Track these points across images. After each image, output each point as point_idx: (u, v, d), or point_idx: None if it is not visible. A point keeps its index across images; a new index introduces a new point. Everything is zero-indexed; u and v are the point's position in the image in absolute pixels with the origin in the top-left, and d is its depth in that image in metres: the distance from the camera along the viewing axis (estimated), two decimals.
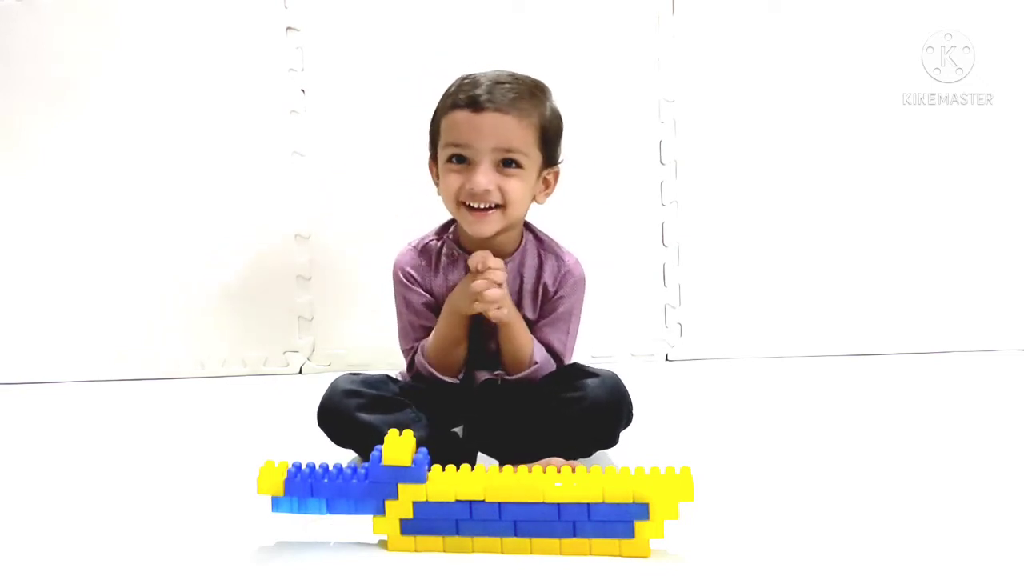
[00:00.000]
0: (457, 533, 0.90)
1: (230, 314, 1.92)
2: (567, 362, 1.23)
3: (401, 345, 1.26)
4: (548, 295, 1.22)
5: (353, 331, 1.89)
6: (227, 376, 1.91)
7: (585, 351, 1.25)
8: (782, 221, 1.89)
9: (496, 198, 1.13)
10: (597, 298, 1.79)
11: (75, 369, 1.92)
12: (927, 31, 1.85)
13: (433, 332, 1.20)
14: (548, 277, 1.21)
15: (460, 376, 1.22)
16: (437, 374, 1.20)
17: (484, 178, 1.12)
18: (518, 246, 1.22)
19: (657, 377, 1.78)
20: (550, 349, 1.21)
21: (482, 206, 1.13)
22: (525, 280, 1.21)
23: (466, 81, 1.16)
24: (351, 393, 1.14)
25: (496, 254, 1.16)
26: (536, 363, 1.18)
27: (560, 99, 1.17)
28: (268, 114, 1.91)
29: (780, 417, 1.43)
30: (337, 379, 1.17)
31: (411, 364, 1.24)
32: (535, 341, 1.19)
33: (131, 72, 1.91)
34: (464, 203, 1.14)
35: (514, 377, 1.19)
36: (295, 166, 1.91)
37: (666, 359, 1.91)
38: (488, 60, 1.31)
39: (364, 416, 1.12)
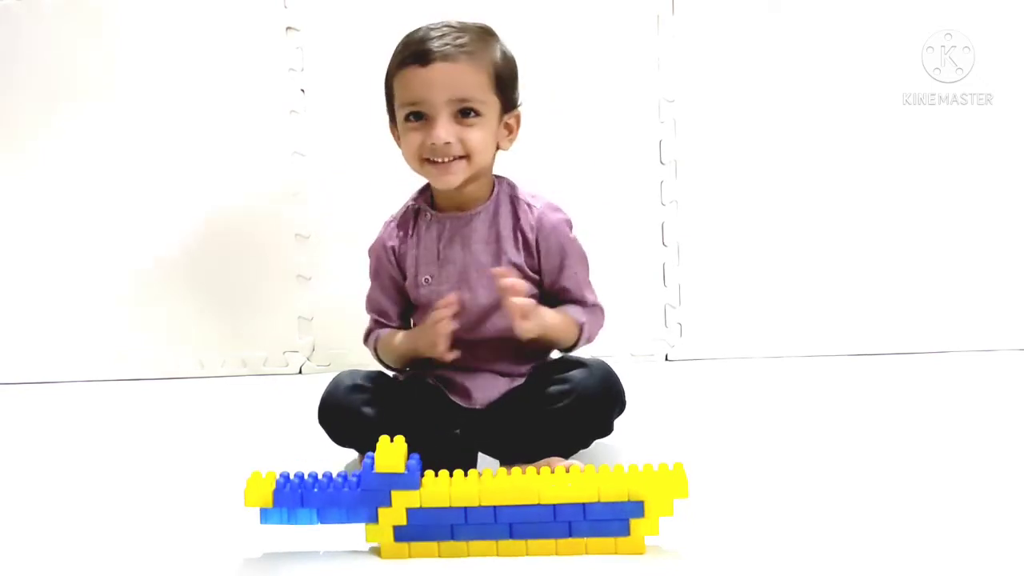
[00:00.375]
0: (452, 538, 0.90)
1: (230, 314, 1.93)
2: (593, 298, 1.22)
3: (365, 307, 1.27)
4: (530, 240, 1.18)
5: (353, 331, 1.88)
6: (227, 376, 1.92)
7: (584, 351, 1.25)
8: (782, 221, 1.89)
9: (457, 150, 1.12)
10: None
11: (75, 369, 1.92)
12: (927, 31, 1.84)
13: (391, 343, 1.21)
14: (524, 224, 1.18)
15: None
16: (384, 367, 1.23)
17: (443, 131, 1.11)
18: (489, 196, 1.20)
19: (657, 377, 1.78)
20: (569, 296, 1.20)
21: (445, 159, 1.12)
22: (501, 227, 1.18)
23: (411, 37, 1.16)
24: (356, 388, 1.14)
25: (467, 206, 1.17)
26: (581, 324, 1.18)
27: (561, 100, 1.17)
28: (268, 114, 1.91)
29: (779, 417, 1.43)
30: (339, 375, 1.17)
31: (367, 335, 1.26)
32: (565, 310, 1.18)
33: (131, 72, 1.91)
34: (427, 159, 1.13)
35: (575, 347, 1.20)
36: (295, 166, 1.91)
37: (666, 359, 1.91)
38: None
39: (370, 411, 1.12)
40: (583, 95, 1.87)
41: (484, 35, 1.17)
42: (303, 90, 1.91)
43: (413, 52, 1.13)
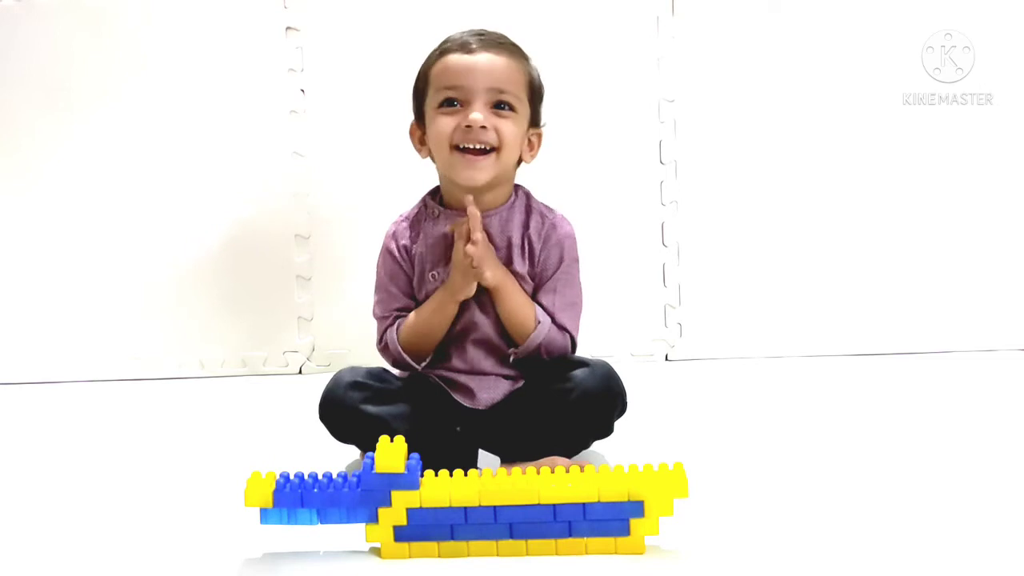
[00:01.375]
0: (452, 538, 0.90)
1: (230, 314, 1.92)
2: (563, 320, 1.19)
3: (375, 312, 1.24)
4: (535, 249, 1.19)
5: (353, 331, 1.89)
6: (227, 376, 1.92)
7: (585, 351, 1.25)
8: (782, 221, 1.89)
9: (491, 138, 1.12)
10: (597, 298, 1.80)
11: (75, 369, 1.92)
12: (927, 31, 1.85)
13: (415, 317, 1.18)
14: (533, 232, 1.19)
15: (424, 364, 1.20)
16: (407, 358, 1.19)
17: (480, 114, 1.11)
18: (506, 202, 1.20)
19: (657, 377, 1.78)
20: (554, 320, 1.18)
21: (477, 146, 1.12)
22: (512, 234, 1.19)
23: (452, 36, 1.17)
24: (356, 385, 1.13)
25: (483, 209, 1.16)
26: (539, 321, 1.16)
27: (560, 100, 1.17)
28: (268, 114, 1.91)
29: (779, 417, 1.43)
30: (339, 372, 1.16)
31: (381, 337, 1.22)
32: (535, 305, 1.17)
33: (131, 73, 1.91)
34: (457, 146, 1.13)
35: (524, 347, 1.16)
36: (295, 166, 1.91)
37: (666, 359, 1.91)
38: None
39: (370, 408, 1.11)
40: (583, 95, 1.87)
41: (520, 49, 1.19)
42: (303, 90, 1.91)
43: (458, 43, 1.15)
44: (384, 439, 0.90)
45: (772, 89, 1.88)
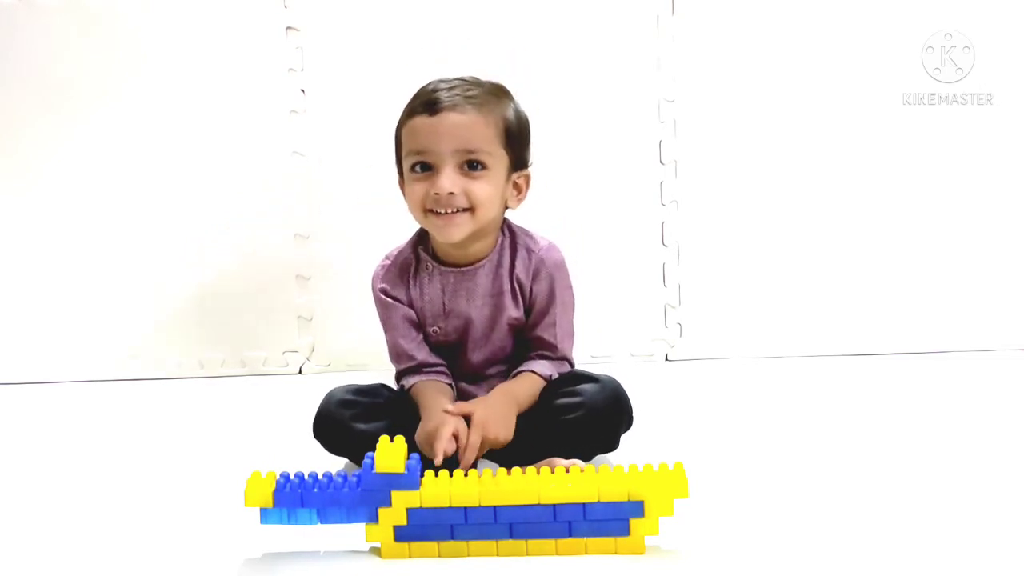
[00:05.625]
0: (452, 538, 0.90)
1: (230, 314, 1.92)
2: (566, 350, 1.21)
3: (393, 364, 1.25)
4: (525, 288, 1.20)
5: (353, 331, 1.89)
6: (226, 376, 1.91)
7: (585, 351, 1.25)
8: (782, 221, 1.89)
9: (462, 202, 1.11)
10: (597, 298, 1.80)
11: (75, 369, 1.91)
12: (927, 31, 1.84)
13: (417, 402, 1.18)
14: (521, 271, 1.20)
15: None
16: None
17: (448, 181, 1.10)
18: (493, 249, 1.21)
19: (657, 377, 1.78)
20: (543, 344, 1.20)
21: (448, 211, 1.11)
22: (503, 281, 1.20)
23: (423, 89, 1.15)
24: (346, 403, 1.15)
25: (472, 260, 1.18)
26: (548, 375, 1.18)
27: (560, 100, 1.17)
28: (268, 114, 1.91)
29: (779, 417, 1.43)
30: (332, 390, 1.17)
31: (398, 379, 1.24)
32: (531, 369, 1.18)
33: (131, 72, 1.91)
34: (431, 210, 1.13)
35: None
36: (295, 166, 1.91)
37: (666, 359, 1.91)
38: (488, 60, 1.30)
39: (360, 426, 1.12)
40: (583, 95, 1.87)
41: (497, 91, 1.17)
42: (303, 90, 1.90)
43: (423, 102, 1.12)
44: (384, 439, 0.90)
45: (772, 89, 1.87)
